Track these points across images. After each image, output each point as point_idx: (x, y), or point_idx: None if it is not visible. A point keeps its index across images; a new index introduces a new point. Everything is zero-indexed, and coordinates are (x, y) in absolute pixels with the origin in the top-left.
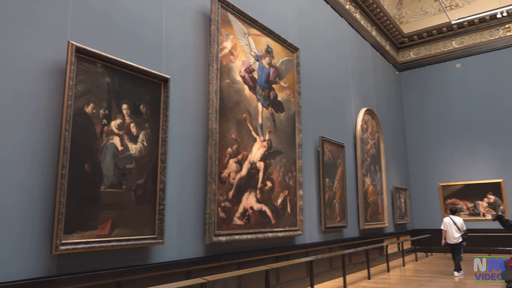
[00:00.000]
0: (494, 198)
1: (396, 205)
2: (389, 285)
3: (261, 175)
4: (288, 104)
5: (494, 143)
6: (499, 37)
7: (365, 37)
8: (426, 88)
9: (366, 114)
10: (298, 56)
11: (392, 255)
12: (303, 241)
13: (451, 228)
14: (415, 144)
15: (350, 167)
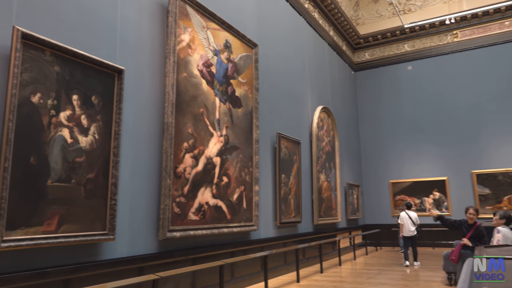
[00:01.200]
0: (439, 194)
1: (349, 201)
2: (340, 278)
3: (217, 170)
4: (246, 100)
5: (440, 143)
6: (447, 42)
7: (323, 36)
8: (379, 88)
9: (322, 112)
10: (257, 52)
11: (344, 249)
12: (258, 236)
13: (407, 222)
14: (368, 142)
15: (306, 163)
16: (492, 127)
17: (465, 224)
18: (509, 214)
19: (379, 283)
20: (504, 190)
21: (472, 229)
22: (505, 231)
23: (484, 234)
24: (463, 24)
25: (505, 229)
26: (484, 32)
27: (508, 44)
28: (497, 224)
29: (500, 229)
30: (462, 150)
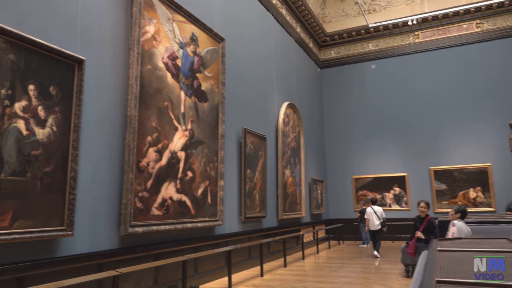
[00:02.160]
0: (399, 190)
1: (313, 196)
2: (304, 272)
3: (182, 165)
4: (212, 94)
5: (401, 140)
6: (409, 42)
7: (290, 33)
8: (344, 86)
9: (288, 108)
10: (223, 46)
11: (308, 243)
12: (222, 231)
13: (373, 216)
14: (333, 138)
15: (271, 159)
16: (449, 126)
17: (417, 218)
18: (463, 208)
19: (340, 276)
20: (459, 186)
21: (424, 222)
22: (460, 224)
23: (435, 226)
24: (424, 26)
25: (460, 223)
26: (444, 34)
27: (465, 46)
28: (453, 218)
29: (455, 223)
30: (421, 148)
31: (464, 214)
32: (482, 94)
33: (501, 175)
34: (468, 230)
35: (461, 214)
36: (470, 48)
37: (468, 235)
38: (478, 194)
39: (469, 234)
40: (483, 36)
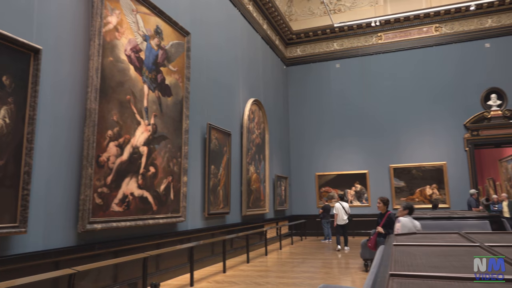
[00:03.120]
0: (360, 187)
1: (277, 193)
2: (266, 267)
3: (144, 160)
4: (176, 88)
5: (363, 138)
6: (372, 43)
7: (257, 29)
8: (309, 84)
9: (253, 104)
10: (189, 40)
11: (271, 239)
12: (185, 228)
13: (341, 212)
14: (297, 135)
15: (236, 155)
16: (408, 125)
17: (379, 214)
18: (411, 205)
19: (302, 271)
20: (416, 183)
21: (384, 218)
22: (404, 220)
23: (394, 222)
24: (386, 27)
25: (404, 219)
26: (405, 36)
27: (425, 48)
28: (401, 214)
29: (400, 219)
30: (382, 146)
31: (411, 210)
32: (439, 95)
33: (455, 173)
34: (415, 225)
35: (409, 211)
36: (429, 50)
37: (414, 229)
38: (434, 191)
39: (414, 229)
40: (441, 40)
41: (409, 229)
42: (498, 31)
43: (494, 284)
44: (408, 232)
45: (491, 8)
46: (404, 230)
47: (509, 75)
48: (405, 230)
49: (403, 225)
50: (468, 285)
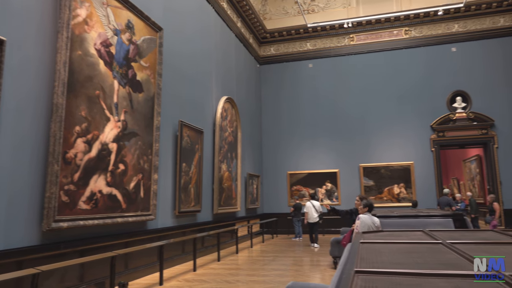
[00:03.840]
0: (331, 185)
1: (249, 191)
2: (237, 265)
3: (113, 157)
4: (147, 84)
5: (334, 137)
6: (344, 44)
7: (231, 27)
8: (282, 83)
9: (226, 102)
10: (161, 36)
11: (242, 237)
12: (155, 226)
13: (311, 210)
14: (270, 134)
15: (208, 153)
16: (378, 125)
17: (356, 212)
18: (371, 202)
19: (272, 269)
20: (385, 182)
21: None
22: (364, 217)
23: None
24: (358, 29)
25: (364, 216)
26: (376, 38)
27: (395, 51)
28: (362, 212)
29: (359, 216)
30: (352, 145)
31: (371, 208)
32: (408, 97)
33: (421, 172)
34: (374, 222)
35: (369, 208)
36: (399, 53)
37: (373, 226)
38: (401, 190)
39: (373, 226)
40: (410, 43)
41: (368, 226)
42: (464, 36)
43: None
44: (368, 229)
45: (458, 14)
46: (364, 227)
47: (473, 78)
48: (365, 227)
49: (363, 222)
50: (429, 280)
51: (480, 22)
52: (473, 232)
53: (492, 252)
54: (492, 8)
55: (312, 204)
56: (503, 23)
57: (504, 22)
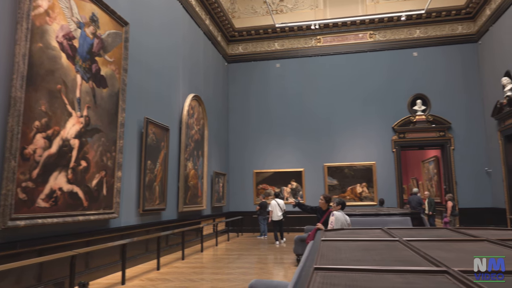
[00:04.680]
0: (296, 184)
1: (215, 189)
2: (201, 264)
3: (74, 153)
4: (112, 80)
5: (300, 137)
6: (311, 45)
7: (199, 24)
8: (250, 82)
9: (193, 100)
10: (127, 31)
11: (208, 236)
12: (118, 224)
13: (276, 208)
14: (236, 132)
15: (174, 150)
16: (342, 126)
17: (320, 210)
18: (343, 201)
19: (237, 267)
20: (348, 181)
21: (325, 215)
22: (338, 214)
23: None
24: (325, 31)
25: (338, 213)
26: (342, 41)
27: (360, 54)
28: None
29: (334, 213)
30: (317, 145)
31: (343, 205)
32: (372, 99)
33: (383, 172)
34: (346, 219)
35: (341, 206)
36: (364, 56)
37: (345, 223)
38: (364, 189)
39: (346, 223)
40: (374, 46)
41: (342, 223)
42: (425, 42)
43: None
44: (341, 225)
45: (420, 20)
46: (338, 224)
47: (433, 83)
48: (339, 223)
49: (337, 219)
50: (384, 276)
51: (440, 28)
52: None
53: (444, 248)
54: (451, 16)
55: (277, 203)
56: (461, 31)
57: (462, 30)
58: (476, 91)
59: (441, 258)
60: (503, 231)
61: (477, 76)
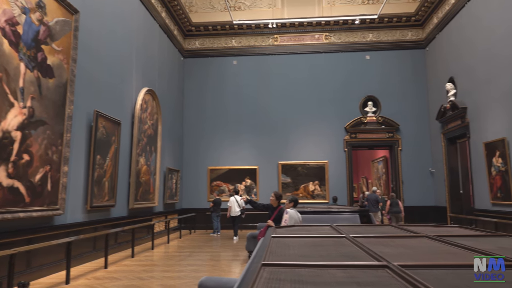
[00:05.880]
0: (250, 181)
1: (168, 186)
2: (152, 261)
3: (16, 146)
4: (60, 70)
5: (254, 135)
6: (268, 44)
7: (155, 16)
8: (206, 77)
9: (147, 94)
10: (77, 19)
11: (159, 233)
12: (64, 221)
13: (234, 204)
14: (191, 128)
15: (125, 145)
16: (297, 125)
17: (271, 207)
18: (296, 198)
19: (188, 265)
20: (301, 179)
21: (276, 212)
22: (291, 212)
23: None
24: (282, 30)
25: (292, 211)
26: (299, 41)
27: (315, 54)
28: (288, 207)
29: (287, 211)
30: (272, 143)
31: (296, 203)
32: (326, 99)
33: (335, 171)
34: (299, 217)
35: (294, 203)
36: (319, 56)
37: (298, 220)
38: (316, 187)
39: (299, 220)
40: (330, 48)
41: (295, 220)
42: (377, 46)
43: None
44: (294, 222)
45: (373, 24)
46: (291, 221)
47: (383, 85)
48: (292, 220)
49: (291, 216)
50: (328, 271)
51: (392, 33)
52: (374, 227)
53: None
54: (402, 22)
55: (236, 199)
56: (411, 37)
57: (411, 36)
58: (423, 95)
59: (383, 253)
60: (442, 228)
61: (424, 80)
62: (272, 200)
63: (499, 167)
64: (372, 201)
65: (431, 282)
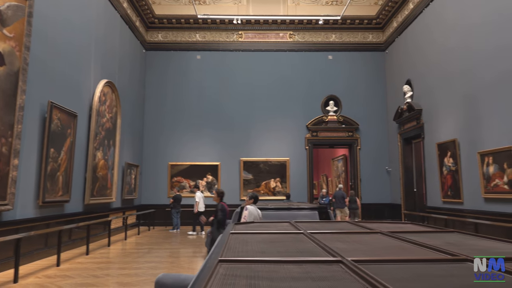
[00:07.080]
0: (211, 178)
1: (126, 181)
2: (108, 259)
3: None
4: (11, 57)
5: (217, 131)
6: (233, 40)
7: (116, 6)
8: (168, 71)
9: (106, 86)
10: (31, 5)
11: (117, 229)
12: (13, 217)
13: (201, 200)
14: (152, 123)
15: (82, 139)
16: (260, 121)
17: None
18: (256, 195)
19: (146, 262)
20: (263, 176)
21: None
22: (251, 208)
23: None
24: (247, 27)
25: (251, 207)
26: (263, 38)
27: (280, 52)
28: (248, 203)
29: (247, 207)
30: (234, 139)
31: (256, 200)
32: (288, 97)
33: (296, 168)
34: (258, 213)
35: (254, 200)
36: (283, 55)
37: (258, 217)
38: (277, 184)
39: (259, 217)
40: (293, 46)
41: (254, 217)
42: (340, 46)
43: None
44: (254, 219)
45: (336, 25)
46: (251, 218)
47: (344, 85)
48: (251, 217)
49: (250, 213)
50: (284, 267)
51: (353, 35)
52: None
53: (342, 240)
54: (364, 25)
55: (203, 195)
56: (372, 39)
57: (372, 38)
58: (382, 96)
59: (338, 249)
60: (396, 225)
61: (384, 82)
62: (214, 198)
63: (450, 166)
64: (339, 198)
65: (381, 276)
